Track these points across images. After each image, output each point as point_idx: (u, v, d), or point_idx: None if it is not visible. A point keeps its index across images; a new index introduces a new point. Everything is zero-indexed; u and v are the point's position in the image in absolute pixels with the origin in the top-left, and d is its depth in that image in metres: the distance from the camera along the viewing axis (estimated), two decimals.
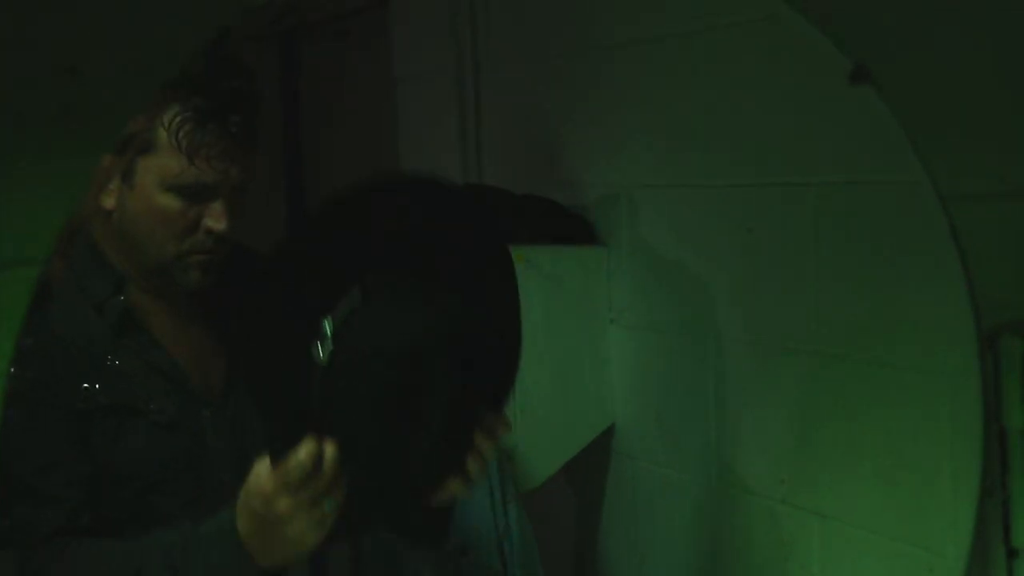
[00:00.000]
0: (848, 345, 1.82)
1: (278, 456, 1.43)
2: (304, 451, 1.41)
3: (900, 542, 1.75)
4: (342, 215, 1.42)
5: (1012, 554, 1.45)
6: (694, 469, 2.20)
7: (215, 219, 1.67)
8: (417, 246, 1.42)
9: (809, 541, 1.95)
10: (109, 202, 1.69)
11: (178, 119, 1.64)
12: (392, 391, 1.39)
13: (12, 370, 1.56)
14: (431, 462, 1.45)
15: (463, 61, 2.75)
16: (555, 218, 2.38)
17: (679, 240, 2.19)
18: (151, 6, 1.26)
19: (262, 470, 1.47)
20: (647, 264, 2.26)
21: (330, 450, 1.41)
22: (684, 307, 2.19)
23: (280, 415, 1.45)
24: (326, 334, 1.38)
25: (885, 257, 1.71)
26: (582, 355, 2.37)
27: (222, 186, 1.67)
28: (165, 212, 1.66)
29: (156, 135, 1.65)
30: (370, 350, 1.38)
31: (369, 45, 3.25)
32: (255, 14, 3.58)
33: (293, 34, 3.73)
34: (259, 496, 1.47)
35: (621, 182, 2.31)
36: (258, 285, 1.53)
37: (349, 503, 1.46)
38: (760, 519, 2.06)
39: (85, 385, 1.67)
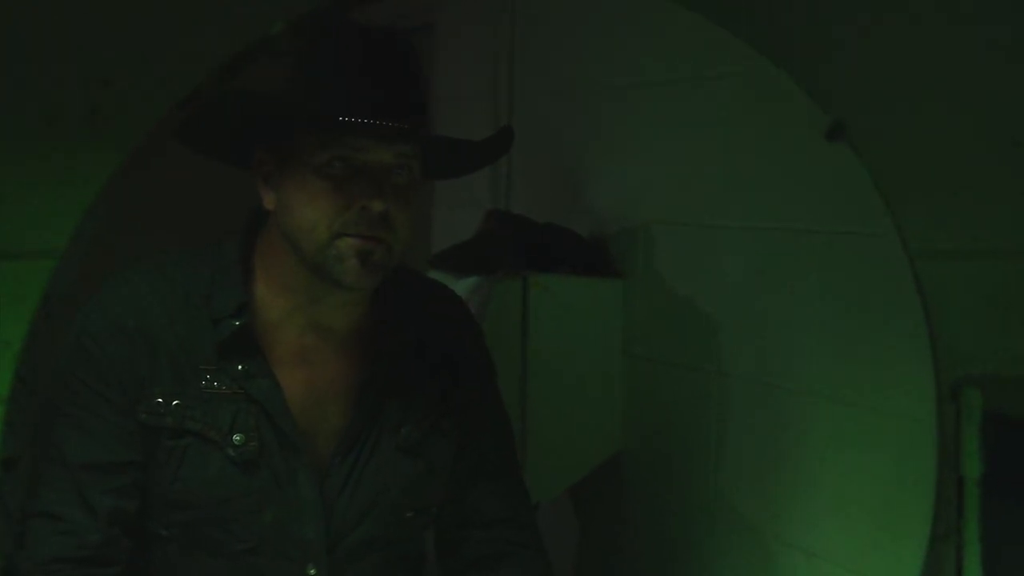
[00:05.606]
0: (834, 385, 1.87)
1: None
2: None
3: None
4: None
5: None
6: (692, 500, 2.24)
7: (367, 197, 1.52)
8: None
9: None
10: (269, 202, 1.59)
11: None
12: None
13: (87, 345, 1.48)
14: None
15: (498, 90, 2.83)
16: (575, 248, 2.44)
17: (692, 277, 2.25)
18: (181, 21, 1.34)
19: None
20: (660, 298, 2.31)
21: None
22: (692, 342, 2.24)
23: None
24: None
25: (861, 306, 1.75)
26: (592, 383, 2.41)
27: (373, 165, 1.53)
28: (316, 195, 1.53)
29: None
30: None
31: None
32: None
33: None
34: None
35: (640, 217, 2.36)
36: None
37: None
38: (752, 553, 2.10)
39: (159, 400, 1.56)
